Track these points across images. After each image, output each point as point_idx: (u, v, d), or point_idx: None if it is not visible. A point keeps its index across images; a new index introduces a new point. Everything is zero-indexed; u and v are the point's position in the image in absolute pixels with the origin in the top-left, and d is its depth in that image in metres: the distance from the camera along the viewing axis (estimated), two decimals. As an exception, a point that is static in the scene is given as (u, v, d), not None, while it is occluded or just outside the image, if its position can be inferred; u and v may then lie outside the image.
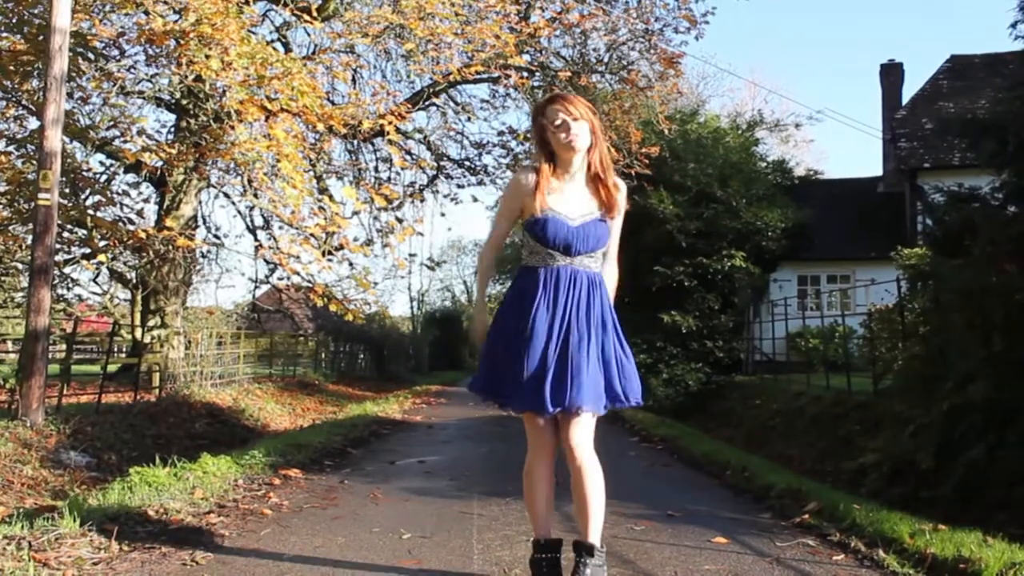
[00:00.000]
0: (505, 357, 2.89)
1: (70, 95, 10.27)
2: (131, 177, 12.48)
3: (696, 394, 15.66)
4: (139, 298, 13.04)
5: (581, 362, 2.81)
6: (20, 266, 12.33)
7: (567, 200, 2.96)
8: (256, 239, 13.68)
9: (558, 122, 2.92)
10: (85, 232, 11.07)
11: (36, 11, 9.69)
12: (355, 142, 14.04)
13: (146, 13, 8.60)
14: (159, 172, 12.11)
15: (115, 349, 13.32)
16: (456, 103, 15.03)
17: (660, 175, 15.60)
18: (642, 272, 16.29)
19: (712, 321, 16.34)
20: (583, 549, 2.85)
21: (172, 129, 12.77)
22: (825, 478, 7.43)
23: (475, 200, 22.19)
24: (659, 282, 16.14)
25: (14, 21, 10.02)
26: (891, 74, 21.89)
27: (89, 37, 9.76)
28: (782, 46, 68.16)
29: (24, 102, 10.72)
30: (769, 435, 11.06)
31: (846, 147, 63.83)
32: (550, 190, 2.96)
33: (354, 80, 13.59)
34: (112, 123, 10.76)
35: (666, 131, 13.81)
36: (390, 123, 10.35)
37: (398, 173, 14.97)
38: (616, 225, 3.04)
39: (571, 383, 2.78)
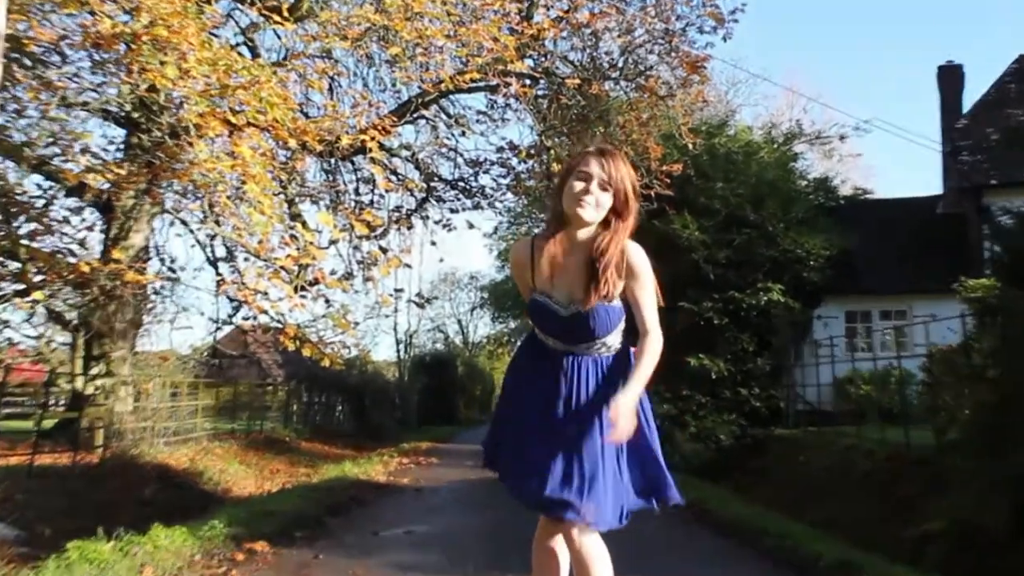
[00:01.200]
0: (505, 428, 2.92)
1: (2, 107, 10.32)
2: (73, 201, 12.47)
3: (729, 450, 15.58)
4: (81, 342, 12.99)
5: (595, 469, 2.80)
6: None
7: (563, 278, 2.95)
8: (218, 273, 13.66)
9: (581, 174, 2.92)
10: (18, 265, 11.06)
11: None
12: (332, 161, 14.07)
13: (92, 13, 8.66)
14: (105, 196, 12.13)
15: (52, 402, 13.26)
16: (449, 115, 15.10)
17: (684, 196, 15.63)
18: (663, 309, 16.22)
19: (746, 365, 16.28)
20: None
21: (121, 146, 12.81)
22: (880, 548, 7.36)
23: (471, 226, 22.05)
24: (684, 320, 16.10)
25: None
26: (950, 77, 21.99)
27: (26, 41, 9.81)
28: (824, 47, 68.72)
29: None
30: (814, 497, 10.98)
31: (899, 162, 64.17)
32: (549, 262, 2.95)
33: (331, 90, 13.66)
34: (52, 139, 10.78)
35: (690, 145, 13.84)
36: (373, 138, 10.38)
37: (382, 196, 14.99)
38: (640, 293, 3.02)
39: (585, 491, 2.77)
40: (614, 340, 3.02)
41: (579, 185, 2.90)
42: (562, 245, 2.96)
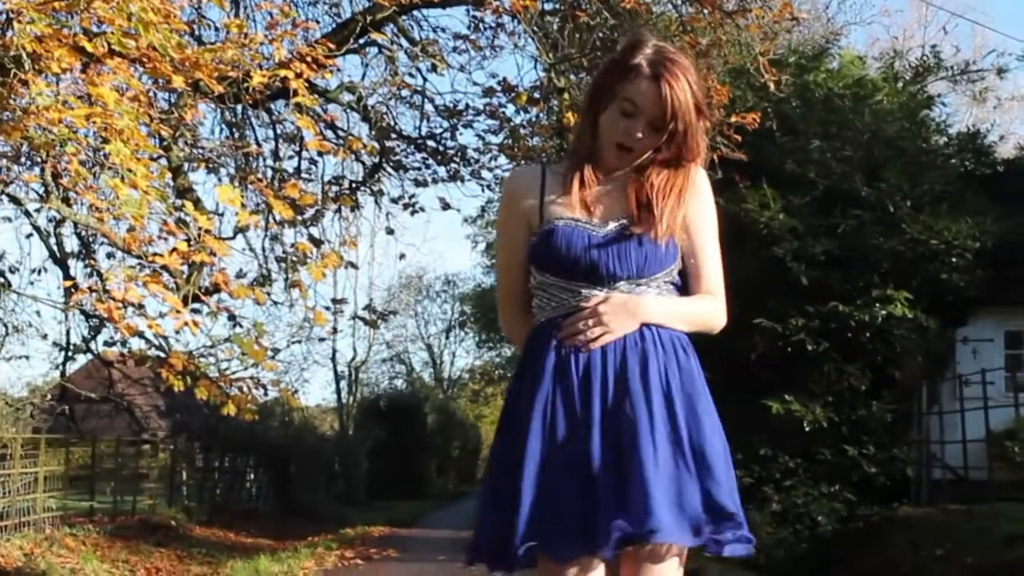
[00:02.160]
0: (511, 487, 2.89)
1: None
2: None
3: (830, 538, 15.56)
4: None
5: (643, 464, 2.80)
6: None
7: (593, 202, 3.01)
8: (68, 276, 13.64)
9: (627, 104, 2.96)
10: None
11: None
12: (239, 109, 14.05)
13: None
14: None
15: None
16: (412, 41, 15.06)
17: (762, 161, 15.62)
18: (729, 328, 16.17)
19: (856, 412, 16.27)
20: None
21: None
22: None
23: (446, 207, 21.93)
24: (762, 345, 16.10)
25: None
26: None
27: None
28: (968, -59, 68.84)
29: None
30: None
31: (1081, 111, 64.31)
32: (564, 191, 3.01)
33: (236, 2, 13.64)
34: None
35: (772, 86, 13.82)
36: (299, 76, 10.34)
37: (313, 162, 14.97)
38: (699, 233, 3.14)
39: (634, 497, 2.77)
40: (663, 292, 3.06)
41: (623, 123, 2.96)
42: (592, 177, 3.03)
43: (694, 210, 3.10)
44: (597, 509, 2.76)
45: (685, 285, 3.13)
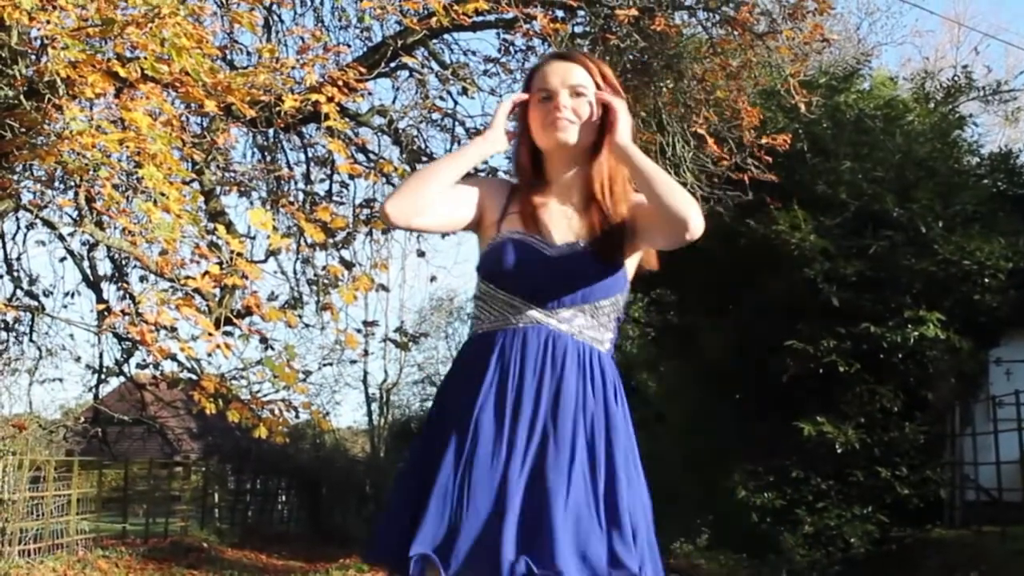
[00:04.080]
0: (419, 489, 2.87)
1: None
2: None
3: (863, 560, 15.46)
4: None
5: (553, 506, 2.77)
6: None
7: (547, 217, 3.02)
8: (100, 299, 13.69)
9: (541, 92, 3.04)
10: None
11: None
12: (271, 133, 14.11)
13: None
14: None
15: None
16: (443, 65, 15.10)
17: (793, 183, 15.58)
18: (761, 350, 16.18)
19: (888, 434, 16.18)
20: None
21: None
22: None
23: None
24: (793, 367, 16.03)
25: None
26: None
27: None
28: (998, -39, 68.67)
29: None
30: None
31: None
32: (524, 206, 3.03)
33: (268, 27, 13.70)
34: None
35: (802, 107, 13.79)
36: (330, 99, 10.37)
37: (345, 185, 15.01)
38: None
39: (542, 537, 2.74)
40: (605, 325, 3.02)
41: (545, 106, 3.01)
42: (543, 187, 3.08)
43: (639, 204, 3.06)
44: (500, 539, 2.73)
45: (652, 228, 3.03)
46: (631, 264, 3.08)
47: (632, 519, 2.86)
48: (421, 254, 16.54)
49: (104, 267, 14.17)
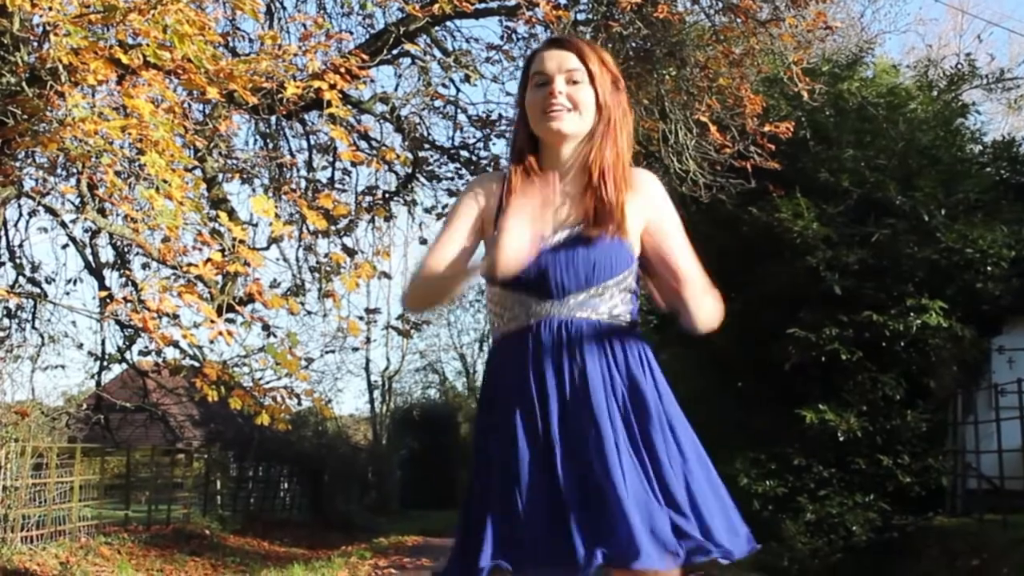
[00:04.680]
0: (491, 501, 2.88)
1: None
2: None
3: (865, 548, 15.48)
4: None
5: (616, 489, 2.76)
6: None
7: (544, 206, 2.93)
8: (103, 286, 13.69)
9: (537, 77, 3.00)
10: None
11: None
12: (273, 120, 14.10)
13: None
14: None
15: None
16: (446, 52, 15.09)
17: (796, 170, 15.56)
18: (764, 338, 16.17)
19: (891, 422, 16.18)
20: None
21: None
22: None
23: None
24: (796, 355, 16.04)
25: None
26: None
27: None
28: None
29: None
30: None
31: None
32: (518, 196, 2.94)
33: (270, 13, 13.70)
34: None
35: (805, 95, 13.79)
36: (332, 86, 10.37)
37: (347, 172, 15.02)
38: (665, 228, 3.04)
39: (612, 524, 2.74)
40: (620, 301, 3.00)
41: (542, 92, 2.97)
42: (541, 174, 3.01)
43: (654, 212, 3.05)
44: (570, 537, 2.71)
45: (665, 289, 3.01)
46: (635, 239, 3.04)
47: (685, 487, 2.88)
48: (423, 242, 16.55)
49: (106, 254, 14.17)
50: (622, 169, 3.03)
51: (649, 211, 3.05)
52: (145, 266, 12.58)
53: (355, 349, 33.53)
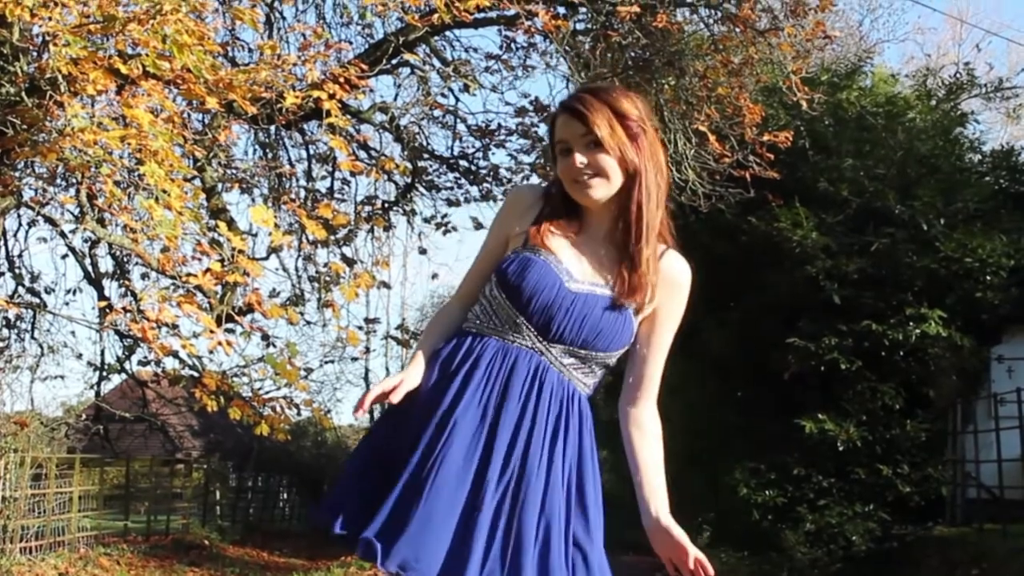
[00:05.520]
0: (399, 458, 2.83)
1: None
2: None
3: (864, 558, 15.47)
4: None
5: (525, 529, 2.76)
6: None
7: (577, 256, 2.96)
8: (102, 296, 13.69)
9: (558, 147, 2.97)
10: None
11: None
12: (272, 130, 14.10)
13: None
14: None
15: None
16: (445, 62, 15.10)
17: (795, 180, 15.57)
18: (763, 347, 16.17)
19: (890, 431, 16.18)
20: None
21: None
22: None
23: (478, 227, 22.10)
24: (795, 364, 16.03)
25: None
26: None
27: None
28: (1000, -42, 68.64)
29: None
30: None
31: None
32: (555, 229, 2.96)
33: (270, 23, 13.70)
34: None
35: (804, 104, 13.79)
36: (332, 96, 10.36)
37: (346, 182, 15.02)
38: (664, 325, 3.02)
39: (511, 565, 2.74)
40: (596, 374, 3.00)
41: (566, 161, 2.93)
42: (572, 225, 2.99)
43: (667, 299, 3.00)
44: (467, 558, 2.70)
45: (620, 371, 3.04)
46: (637, 322, 3.00)
47: (600, 560, 2.86)
48: (423, 251, 16.55)
49: (106, 264, 14.18)
50: (655, 226, 2.97)
51: (663, 300, 3.00)
52: (144, 276, 12.57)
53: (354, 359, 33.33)
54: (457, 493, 2.76)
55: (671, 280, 3.01)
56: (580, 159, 2.89)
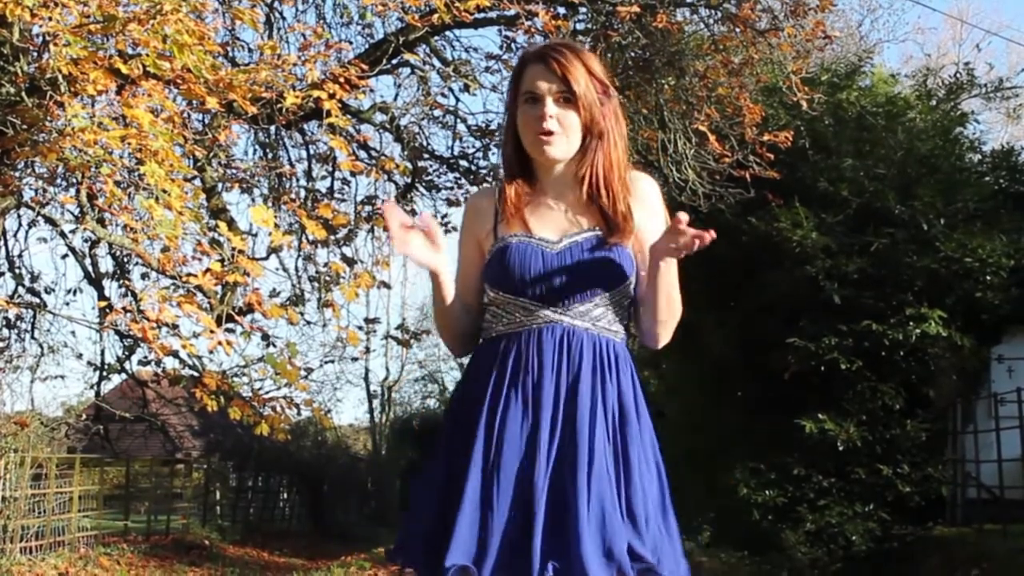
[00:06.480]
0: (449, 497, 2.85)
1: None
2: None
3: (865, 558, 15.46)
4: None
5: (578, 512, 2.77)
6: None
7: (543, 218, 2.99)
8: (102, 296, 13.68)
9: (527, 95, 2.97)
10: None
11: None
12: (272, 130, 14.09)
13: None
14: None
15: None
16: (445, 62, 15.09)
17: (795, 180, 15.55)
18: (763, 347, 16.15)
19: (890, 431, 16.16)
20: None
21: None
22: None
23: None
24: (795, 363, 16.01)
25: None
26: None
27: None
28: (1000, -42, 68.61)
29: None
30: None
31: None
32: (517, 206, 2.99)
33: (270, 23, 13.69)
34: None
35: (804, 104, 13.78)
36: (332, 96, 10.35)
37: (346, 182, 15.01)
38: (655, 234, 3.00)
39: (568, 543, 2.74)
40: (616, 314, 3.00)
41: (532, 112, 2.94)
42: (535, 188, 3.03)
43: (642, 218, 3.02)
44: (530, 547, 2.72)
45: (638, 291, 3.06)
46: (635, 248, 3.02)
47: (645, 509, 2.85)
48: (423, 252, 16.48)
49: (106, 264, 14.17)
50: (620, 176, 3.01)
51: (644, 217, 3.03)
52: (144, 276, 12.57)
53: (354, 359, 33.30)
54: (519, 494, 2.79)
55: (641, 198, 3.05)
56: (550, 110, 2.90)
